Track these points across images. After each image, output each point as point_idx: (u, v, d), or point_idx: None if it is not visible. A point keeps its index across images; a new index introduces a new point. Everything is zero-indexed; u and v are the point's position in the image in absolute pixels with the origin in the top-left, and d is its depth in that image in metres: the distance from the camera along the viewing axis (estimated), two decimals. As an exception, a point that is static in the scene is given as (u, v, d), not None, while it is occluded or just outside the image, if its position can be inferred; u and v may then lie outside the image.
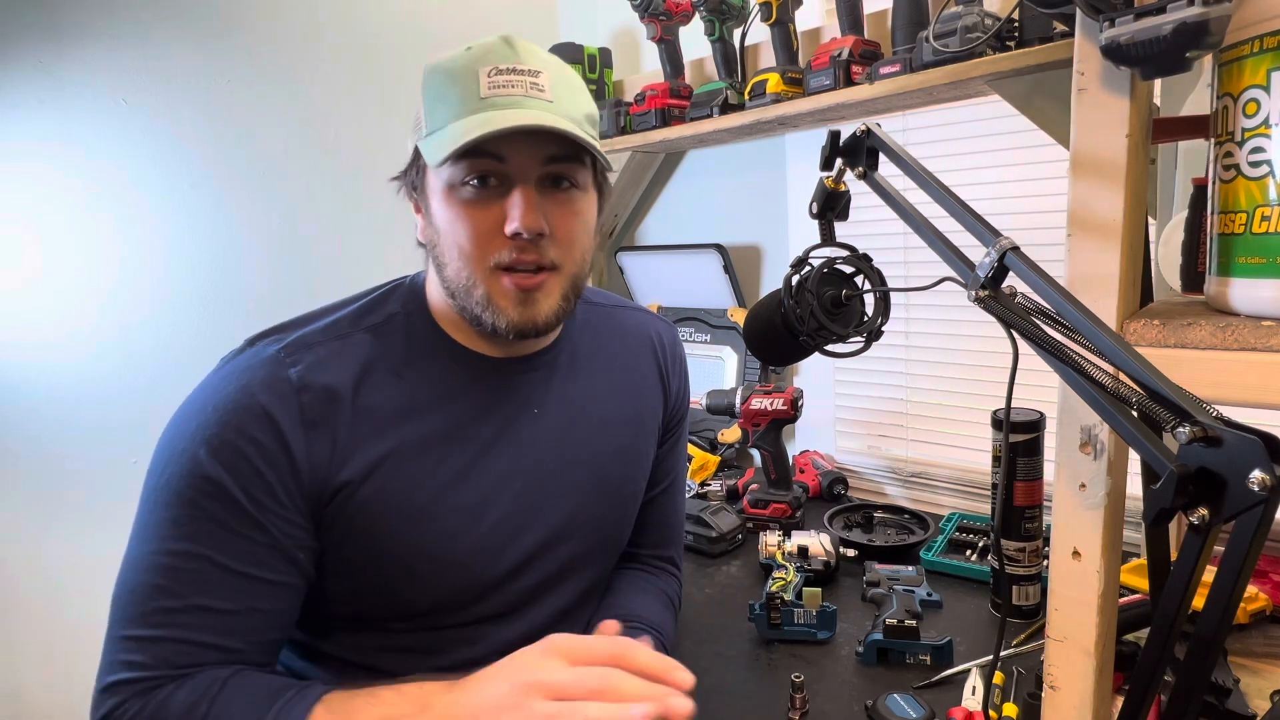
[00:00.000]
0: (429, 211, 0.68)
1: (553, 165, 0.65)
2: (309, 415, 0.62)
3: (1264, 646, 0.81)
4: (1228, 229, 0.50)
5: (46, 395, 1.16)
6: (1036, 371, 0.56)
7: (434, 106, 0.64)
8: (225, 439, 0.60)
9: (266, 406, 0.61)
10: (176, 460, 0.60)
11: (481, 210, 0.64)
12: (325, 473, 0.63)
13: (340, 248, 1.44)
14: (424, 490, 0.66)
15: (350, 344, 0.67)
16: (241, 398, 0.61)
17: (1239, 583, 0.39)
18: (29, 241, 1.13)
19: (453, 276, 0.66)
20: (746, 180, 1.60)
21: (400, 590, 0.67)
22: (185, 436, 0.61)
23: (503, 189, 0.64)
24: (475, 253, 0.64)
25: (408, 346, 0.70)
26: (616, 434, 0.80)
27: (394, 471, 0.65)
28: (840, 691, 0.81)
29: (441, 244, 0.66)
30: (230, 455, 0.60)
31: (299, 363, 0.64)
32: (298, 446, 0.61)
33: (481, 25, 1.64)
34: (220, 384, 0.63)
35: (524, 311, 0.65)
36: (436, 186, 0.66)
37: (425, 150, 0.64)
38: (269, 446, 0.60)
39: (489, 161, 0.62)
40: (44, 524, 1.17)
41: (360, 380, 0.66)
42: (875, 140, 0.63)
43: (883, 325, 0.69)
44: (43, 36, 1.12)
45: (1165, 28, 0.44)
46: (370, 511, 0.64)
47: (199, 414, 0.62)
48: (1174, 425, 0.39)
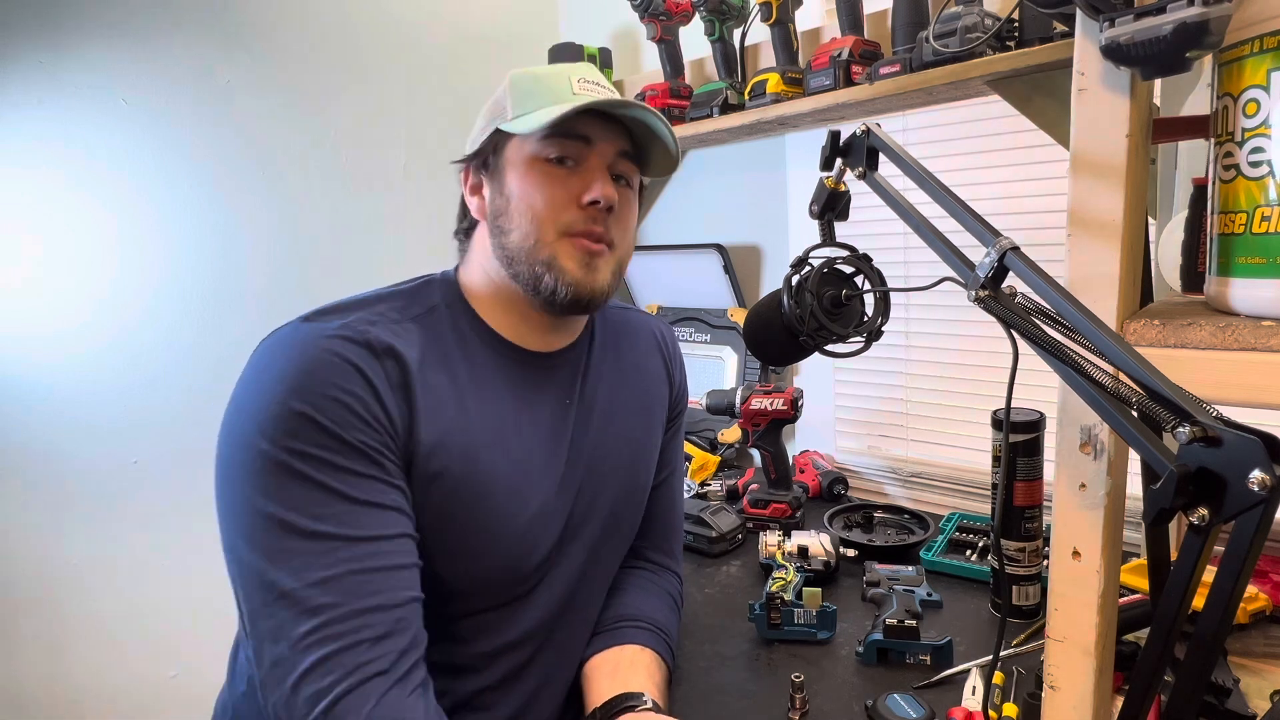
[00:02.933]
0: (501, 184, 0.72)
1: (622, 161, 0.73)
2: (392, 378, 0.63)
3: (1264, 646, 0.81)
4: (1228, 229, 0.50)
5: (46, 395, 1.16)
6: (1036, 371, 0.56)
7: (523, 99, 0.70)
8: (326, 394, 0.58)
9: (356, 363, 0.61)
10: (274, 429, 0.57)
11: (560, 182, 0.70)
12: (407, 438, 0.63)
13: (340, 248, 1.44)
14: (480, 471, 0.68)
15: (404, 329, 0.68)
16: (328, 357, 0.60)
17: (1239, 583, 0.39)
18: (29, 241, 1.13)
19: (519, 240, 0.70)
20: (746, 180, 1.61)
21: (458, 566, 0.67)
22: (274, 403, 0.58)
23: (580, 171, 0.70)
24: (548, 215, 0.69)
25: (453, 337, 0.71)
26: (633, 424, 0.83)
27: (455, 451, 0.66)
28: (840, 691, 0.81)
29: (512, 209, 0.70)
30: (336, 410, 0.58)
31: (369, 332, 0.64)
32: (390, 403, 0.62)
33: (482, 25, 1.64)
34: (293, 353, 0.61)
35: (586, 274, 0.70)
36: (518, 159, 0.71)
37: (518, 125, 0.69)
38: (369, 400, 0.60)
39: (577, 143, 0.70)
40: (44, 523, 1.17)
41: (421, 360, 0.67)
42: (875, 140, 0.63)
43: (883, 325, 0.69)
44: (43, 36, 1.12)
45: (1165, 28, 0.44)
46: (436, 489, 0.65)
47: (279, 382, 0.59)
48: (1174, 425, 0.39)
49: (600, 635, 0.80)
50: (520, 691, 0.74)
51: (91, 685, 1.21)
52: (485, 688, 0.71)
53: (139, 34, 1.19)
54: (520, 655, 0.73)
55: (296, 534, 0.57)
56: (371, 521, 0.59)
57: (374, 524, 0.59)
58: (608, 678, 0.74)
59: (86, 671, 1.20)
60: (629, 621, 0.81)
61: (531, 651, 0.74)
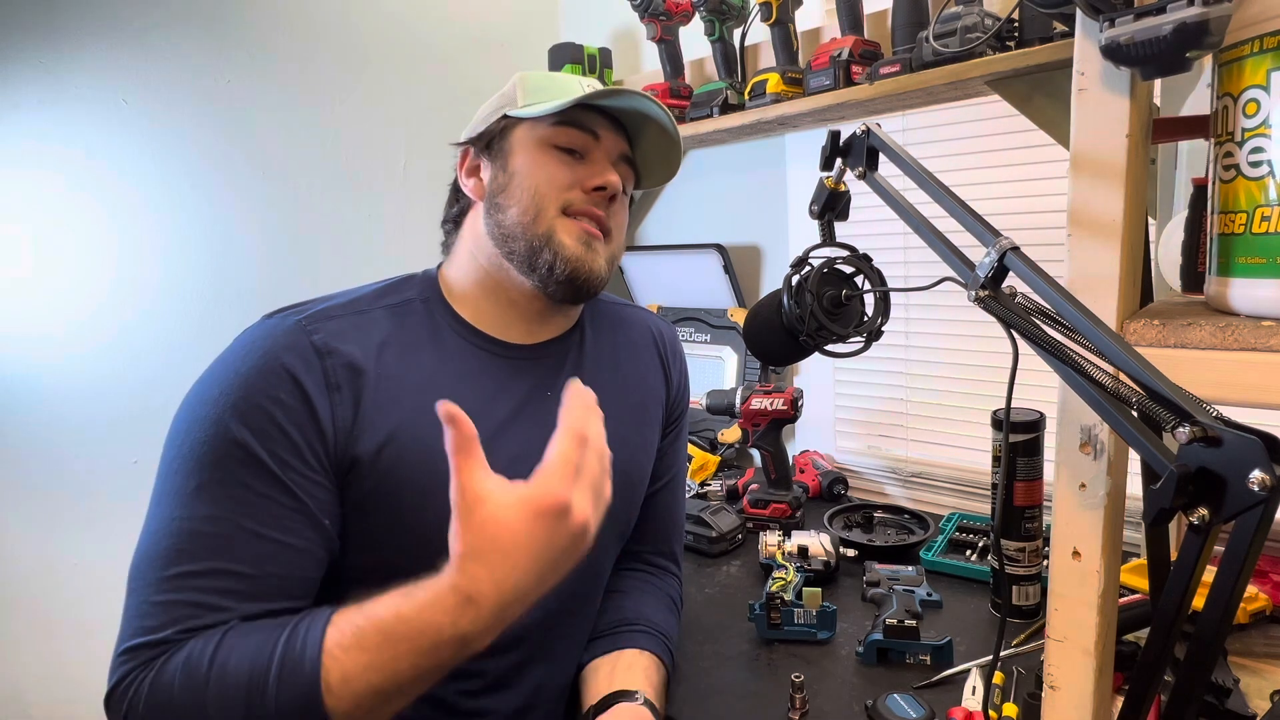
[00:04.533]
0: (504, 163, 0.73)
1: (621, 165, 0.75)
2: (332, 379, 0.63)
3: (1264, 646, 0.81)
4: (1228, 229, 0.50)
5: (46, 394, 1.16)
6: (1036, 371, 0.56)
7: (535, 92, 0.73)
8: (251, 401, 0.60)
9: (291, 369, 0.62)
10: (200, 426, 0.60)
11: (567, 166, 0.72)
12: (347, 438, 0.63)
13: (340, 247, 1.44)
14: (442, 464, 0.66)
15: (369, 318, 0.69)
16: (265, 361, 0.62)
17: (1239, 583, 0.39)
18: (29, 241, 1.13)
19: (517, 215, 0.70)
20: (746, 180, 1.61)
21: (417, 564, 0.67)
22: (208, 402, 0.61)
23: (587, 160, 0.73)
24: (551, 193, 0.70)
25: (425, 326, 0.72)
26: (624, 420, 0.81)
27: (412, 444, 0.66)
28: (840, 691, 0.81)
29: (513, 186, 0.71)
30: (256, 417, 0.60)
31: (319, 331, 0.65)
32: (323, 408, 0.62)
33: (482, 25, 1.64)
34: (241, 351, 0.63)
35: (585, 252, 0.71)
36: (526, 142, 0.72)
37: (530, 110, 0.71)
38: (295, 408, 0.61)
39: (586, 135, 0.72)
40: (44, 523, 1.17)
41: (380, 352, 0.67)
42: (875, 140, 0.63)
43: (883, 325, 0.69)
44: (43, 36, 1.12)
45: (1165, 28, 0.44)
46: (391, 481, 0.65)
47: (220, 381, 0.62)
48: (1174, 425, 0.39)
49: (599, 639, 0.80)
50: (513, 695, 0.73)
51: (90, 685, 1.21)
52: (474, 691, 0.71)
53: (139, 34, 1.19)
54: (511, 658, 0.72)
55: (192, 520, 0.59)
56: (259, 552, 0.59)
57: (258, 556, 0.59)
58: (605, 679, 0.74)
59: (84, 671, 1.20)
60: (628, 625, 0.80)
61: (524, 655, 0.73)
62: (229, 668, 0.53)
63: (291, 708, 0.51)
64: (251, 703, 0.52)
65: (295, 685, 0.51)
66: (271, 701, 0.52)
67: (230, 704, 0.52)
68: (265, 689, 0.52)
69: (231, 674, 0.53)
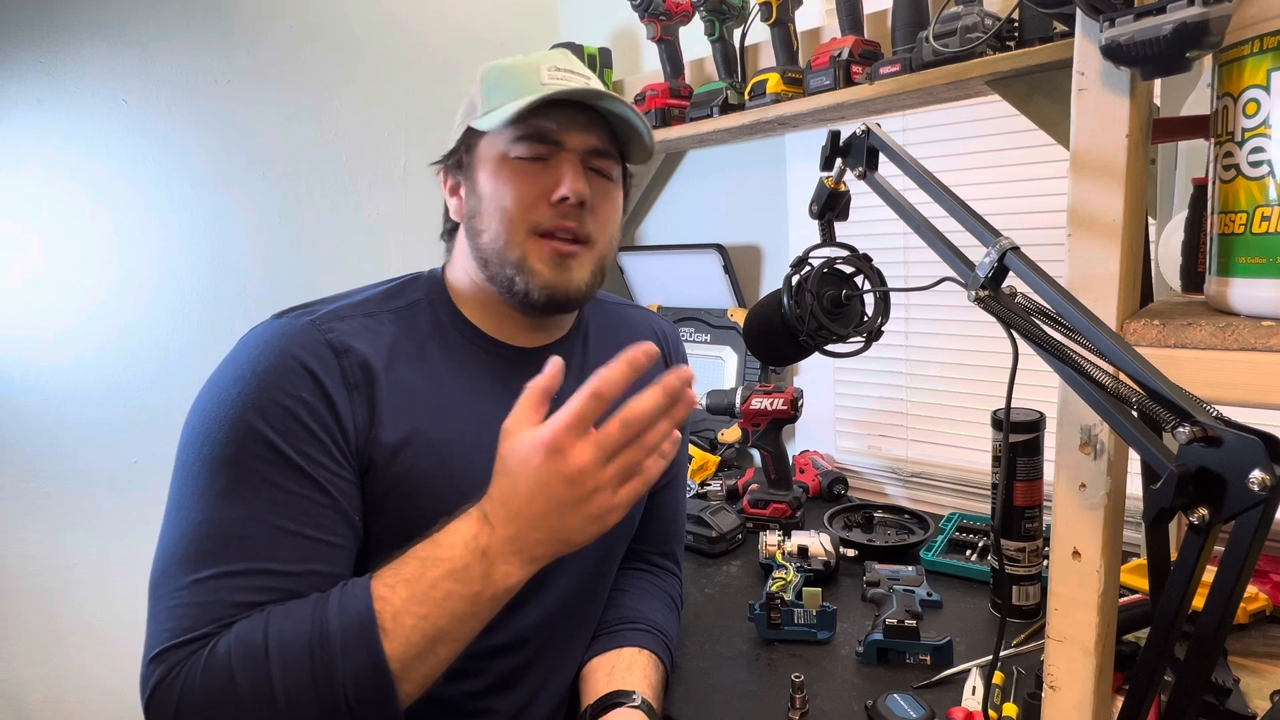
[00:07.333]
0: (474, 184, 0.71)
1: (595, 159, 0.71)
2: (350, 378, 0.63)
3: (1264, 646, 0.81)
4: (1228, 229, 0.50)
5: (46, 395, 1.16)
6: (1036, 371, 0.56)
7: (493, 93, 0.69)
8: (273, 399, 0.59)
9: (310, 367, 0.61)
10: (220, 427, 0.59)
11: (530, 178, 0.68)
12: (367, 438, 0.63)
13: (340, 247, 1.44)
14: (455, 466, 0.67)
15: (378, 321, 0.69)
16: (283, 360, 0.61)
17: (1239, 583, 0.39)
18: (29, 241, 1.13)
19: (490, 241, 0.69)
20: (746, 180, 1.61)
21: None
22: (226, 403, 0.59)
23: (551, 165, 0.69)
24: (518, 214, 0.68)
25: (432, 330, 0.71)
26: None
27: (426, 446, 0.66)
28: (840, 691, 0.81)
29: (483, 210, 0.69)
30: (280, 416, 0.59)
31: (333, 330, 0.65)
32: (344, 407, 0.62)
33: (481, 25, 1.64)
34: (256, 351, 0.62)
35: (558, 274, 0.69)
36: (488, 157, 0.70)
37: (485, 122, 0.67)
38: (317, 406, 0.61)
39: (546, 144, 0.68)
40: (44, 523, 1.17)
41: (390, 356, 0.67)
42: (875, 140, 0.63)
43: (883, 325, 0.69)
44: (43, 36, 1.12)
45: (1165, 28, 0.44)
46: (409, 482, 0.65)
47: (237, 382, 0.60)
48: (1174, 425, 0.39)
49: (599, 638, 0.80)
50: (516, 695, 0.73)
51: (89, 685, 1.21)
52: (478, 691, 0.71)
53: (139, 34, 1.19)
54: (515, 659, 0.72)
55: (222, 524, 0.58)
56: (300, 549, 0.59)
57: (300, 553, 0.59)
58: (604, 678, 0.74)
59: (84, 671, 1.20)
60: (627, 623, 0.80)
61: (528, 656, 0.73)
62: (286, 633, 0.53)
63: (356, 661, 0.52)
64: (315, 659, 0.52)
65: (355, 633, 0.52)
66: (337, 657, 0.52)
67: (294, 666, 0.52)
68: (329, 642, 0.52)
69: (290, 637, 0.53)
